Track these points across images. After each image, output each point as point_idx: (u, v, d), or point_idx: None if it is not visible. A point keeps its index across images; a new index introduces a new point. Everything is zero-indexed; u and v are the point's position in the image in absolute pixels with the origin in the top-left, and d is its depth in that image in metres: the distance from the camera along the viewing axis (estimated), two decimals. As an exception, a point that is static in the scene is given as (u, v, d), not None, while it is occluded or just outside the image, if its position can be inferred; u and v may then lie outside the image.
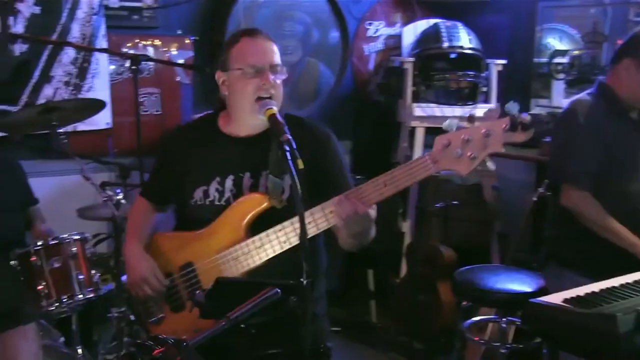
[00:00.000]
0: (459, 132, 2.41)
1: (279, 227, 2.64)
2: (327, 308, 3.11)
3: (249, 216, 2.73)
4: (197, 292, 2.72)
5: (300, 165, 2.31)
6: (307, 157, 2.72)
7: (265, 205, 2.72)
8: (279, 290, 1.90)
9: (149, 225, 3.06)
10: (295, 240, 2.62)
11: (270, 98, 2.73)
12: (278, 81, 2.78)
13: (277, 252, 2.66)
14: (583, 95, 3.74)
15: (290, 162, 2.32)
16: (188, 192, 2.87)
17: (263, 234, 2.67)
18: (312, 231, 2.60)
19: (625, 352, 2.38)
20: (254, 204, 2.74)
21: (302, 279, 2.20)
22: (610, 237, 3.50)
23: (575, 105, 3.68)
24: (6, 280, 2.24)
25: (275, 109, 2.58)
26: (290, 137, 2.39)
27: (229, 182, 2.81)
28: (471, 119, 2.43)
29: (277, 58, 2.81)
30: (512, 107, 2.36)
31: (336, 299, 6.23)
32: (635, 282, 2.83)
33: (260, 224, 2.71)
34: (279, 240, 2.64)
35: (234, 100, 2.83)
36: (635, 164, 3.62)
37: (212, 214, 2.80)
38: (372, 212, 2.58)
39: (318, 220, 2.60)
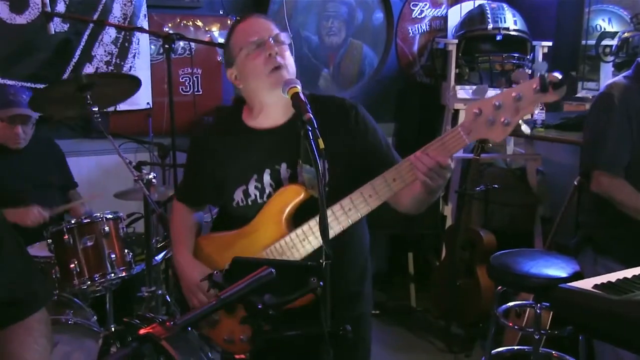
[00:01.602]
0: (489, 99, 2.32)
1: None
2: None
3: (288, 209, 2.67)
4: (215, 272, 2.71)
5: (321, 144, 2.25)
6: (335, 133, 2.66)
7: (302, 196, 2.65)
8: (273, 271, 1.86)
9: (193, 229, 3.01)
10: (338, 229, 2.57)
11: (280, 68, 2.64)
12: (285, 50, 2.69)
13: (321, 244, 2.62)
14: (619, 78, 3.64)
15: (312, 141, 2.25)
16: (228, 194, 2.81)
17: (305, 226, 2.61)
18: (354, 217, 2.57)
19: (656, 340, 2.32)
20: (292, 196, 2.68)
21: (322, 260, 2.16)
22: None
23: (610, 88, 3.59)
24: (13, 263, 2.18)
25: (298, 88, 2.50)
26: (312, 116, 2.33)
27: (266, 177, 2.74)
28: (502, 85, 2.35)
29: (274, 28, 2.72)
30: (541, 66, 2.27)
31: (376, 282, 6.22)
32: (668, 268, 2.76)
33: (302, 214, 2.66)
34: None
35: (250, 88, 2.74)
36: None
37: (256, 213, 2.75)
38: (452, 163, 2.50)
39: (359, 205, 2.56)
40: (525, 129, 2.35)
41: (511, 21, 5.76)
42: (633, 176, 3.47)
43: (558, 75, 2.22)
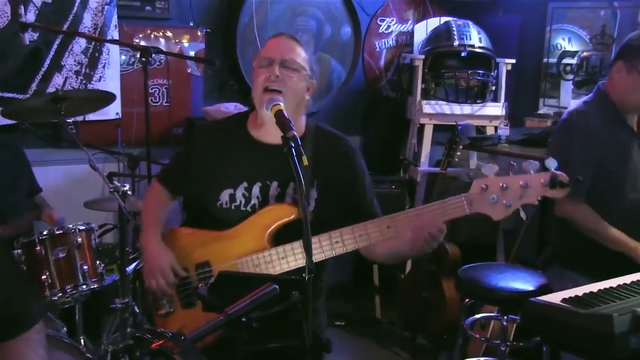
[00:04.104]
0: (497, 179, 2.46)
1: None
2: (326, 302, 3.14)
3: (274, 226, 2.75)
4: (200, 285, 2.74)
5: (305, 162, 2.32)
6: (334, 171, 2.82)
7: (293, 216, 2.74)
8: (276, 287, 1.92)
9: (165, 214, 3.07)
10: (319, 257, 2.67)
11: (279, 92, 2.74)
12: (291, 77, 2.78)
13: (299, 266, 2.68)
14: (580, 104, 3.71)
15: (295, 158, 2.31)
16: (214, 193, 2.87)
17: (288, 246, 2.70)
18: (339, 251, 2.68)
19: (621, 353, 2.40)
20: (283, 214, 2.76)
21: (304, 274, 2.23)
22: (609, 244, 3.52)
23: (571, 115, 3.66)
24: (9, 281, 2.20)
25: (281, 105, 2.57)
26: (295, 133, 2.39)
27: (255, 189, 2.82)
28: (512, 168, 2.48)
29: (292, 55, 2.80)
30: (551, 163, 2.41)
31: (341, 293, 6.27)
32: (633, 282, 2.86)
33: (283, 233, 2.74)
34: (303, 254, 2.61)
35: (253, 97, 2.84)
36: (634, 173, 3.59)
37: (237, 218, 2.82)
38: (444, 227, 2.63)
39: (346, 241, 2.67)
40: (523, 215, 2.49)
41: (476, 38, 5.87)
42: (597, 200, 3.55)
43: (565, 176, 2.44)
